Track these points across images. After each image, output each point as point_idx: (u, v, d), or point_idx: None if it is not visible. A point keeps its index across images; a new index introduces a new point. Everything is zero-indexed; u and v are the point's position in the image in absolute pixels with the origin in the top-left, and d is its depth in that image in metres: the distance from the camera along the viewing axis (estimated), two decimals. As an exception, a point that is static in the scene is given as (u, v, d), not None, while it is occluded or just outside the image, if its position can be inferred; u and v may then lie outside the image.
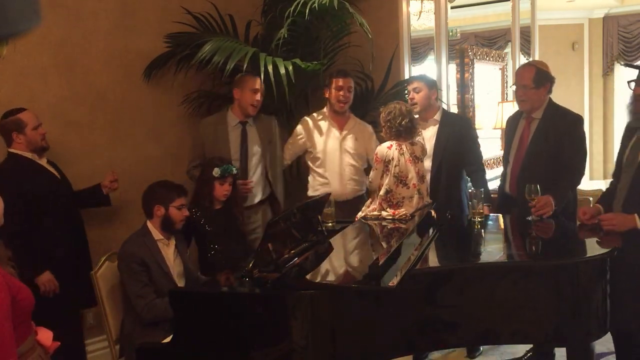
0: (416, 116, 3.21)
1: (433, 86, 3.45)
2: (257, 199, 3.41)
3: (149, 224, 2.70)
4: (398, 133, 2.90)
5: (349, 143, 3.49)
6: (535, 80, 3.02)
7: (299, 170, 3.92)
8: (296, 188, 3.77)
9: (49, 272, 2.85)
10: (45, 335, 1.83)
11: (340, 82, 3.43)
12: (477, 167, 3.38)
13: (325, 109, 3.57)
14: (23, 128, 2.88)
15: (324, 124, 3.53)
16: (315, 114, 3.59)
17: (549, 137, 3.01)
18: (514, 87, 3.18)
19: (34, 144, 2.91)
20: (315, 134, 3.52)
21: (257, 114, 3.42)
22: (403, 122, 2.89)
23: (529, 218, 2.87)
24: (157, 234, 2.68)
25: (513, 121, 3.30)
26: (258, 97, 3.32)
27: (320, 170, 3.52)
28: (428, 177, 3.16)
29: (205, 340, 2.03)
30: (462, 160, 3.36)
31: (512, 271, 2.24)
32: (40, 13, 0.65)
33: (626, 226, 2.43)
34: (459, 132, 3.35)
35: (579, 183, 3.08)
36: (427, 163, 3.30)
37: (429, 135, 3.36)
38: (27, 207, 2.77)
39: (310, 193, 3.56)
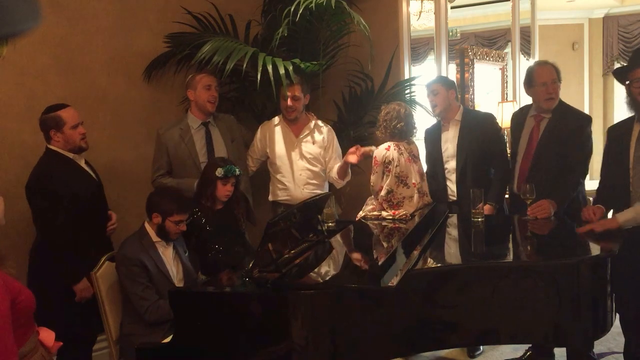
0: (437, 118, 3.22)
1: (451, 86, 3.43)
2: None
3: (147, 225, 2.69)
4: (392, 134, 2.94)
5: (306, 147, 3.44)
6: (559, 74, 3.13)
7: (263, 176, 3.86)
8: (262, 194, 3.72)
9: (86, 279, 2.74)
10: (47, 335, 1.82)
11: (287, 91, 3.36)
12: (500, 166, 3.33)
13: (281, 114, 3.53)
14: (61, 126, 2.75)
15: (279, 129, 3.49)
16: (274, 118, 3.54)
17: (558, 137, 3.01)
18: (535, 88, 3.11)
19: (71, 143, 2.79)
20: (272, 140, 3.48)
21: (216, 114, 3.40)
22: (398, 125, 2.92)
23: (525, 218, 2.89)
24: (154, 236, 2.67)
25: (519, 118, 3.27)
26: (213, 92, 3.30)
27: (277, 176, 3.49)
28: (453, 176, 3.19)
29: (205, 340, 2.03)
30: (487, 159, 3.31)
31: (512, 271, 2.24)
32: (40, 13, 0.65)
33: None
34: (482, 131, 3.31)
35: (580, 183, 3.07)
36: (452, 163, 3.30)
37: (451, 136, 3.35)
38: (68, 210, 2.69)
39: (271, 199, 3.54)
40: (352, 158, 3.19)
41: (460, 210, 3.20)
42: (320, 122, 3.54)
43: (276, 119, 3.53)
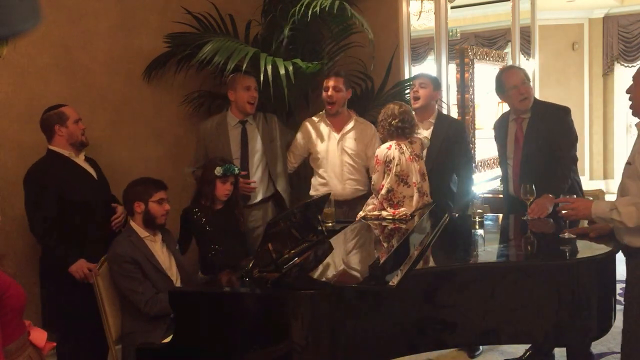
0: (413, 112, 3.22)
1: (438, 88, 3.50)
2: (258, 198, 3.43)
3: (132, 224, 2.69)
4: (390, 133, 2.96)
5: (348, 143, 3.50)
6: (527, 76, 3.17)
7: (299, 171, 3.91)
8: (300, 188, 3.77)
9: (83, 260, 2.80)
10: (38, 336, 1.79)
11: (328, 82, 3.44)
12: (464, 172, 3.42)
13: (324, 110, 3.58)
14: (65, 121, 2.89)
15: (322, 126, 3.54)
16: (315, 117, 3.61)
17: (541, 133, 3.07)
18: (515, 89, 3.11)
19: (74, 137, 2.92)
20: (314, 137, 3.54)
21: (257, 113, 3.43)
22: (393, 122, 2.93)
23: (524, 217, 2.89)
24: (142, 232, 2.67)
25: (501, 125, 3.35)
26: (253, 93, 3.34)
27: (320, 171, 3.54)
28: None
29: (205, 340, 2.03)
30: (453, 164, 3.38)
31: (512, 271, 2.25)
32: (40, 13, 0.65)
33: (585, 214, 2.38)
34: (453, 136, 3.38)
35: (572, 169, 3.09)
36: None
37: (422, 137, 3.37)
38: (54, 205, 2.79)
39: (311, 192, 3.58)
40: None
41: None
42: (362, 120, 3.59)
43: (319, 116, 3.59)
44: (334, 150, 3.50)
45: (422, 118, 3.39)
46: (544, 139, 3.05)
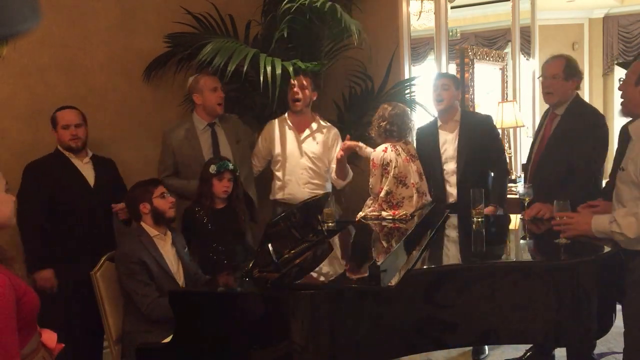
0: (434, 116, 3.21)
1: (459, 87, 3.44)
2: None
3: (142, 224, 2.70)
4: (379, 134, 3.00)
5: (309, 146, 3.42)
6: (565, 71, 2.92)
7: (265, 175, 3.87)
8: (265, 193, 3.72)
9: (51, 271, 2.84)
10: (49, 337, 1.82)
11: (294, 80, 3.37)
12: (498, 167, 3.34)
13: (286, 113, 3.52)
14: (55, 126, 2.99)
15: (283, 127, 3.47)
16: (276, 119, 3.53)
17: (568, 135, 2.89)
18: (540, 79, 3.05)
19: (62, 142, 2.99)
20: (276, 137, 3.46)
21: (221, 115, 3.38)
22: (382, 124, 2.95)
23: (521, 217, 2.89)
24: (152, 231, 2.68)
25: (543, 117, 3.22)
26: (220, 94, 3.29)
27: (278, 174, 3.46)
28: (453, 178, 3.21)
29: (205, 340, 2.03)
30: (486, 161, 3.31)
31: (512, 271, 2.24)
32: (40, 13, 0.65)
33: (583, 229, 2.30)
34: (480, 132, 3.31)
35: (591, 182, 2.89)
36: (451, 165, 3.30)
37: (450, 137, 3.35)
38: (39, 202, 2.84)
39: (271, 197, 3.52)
40: (339, 153, 3.23)
41: (459, 212, 3.20)
42: (324, 122, 3.53)
43: (281, 117, 3.52)
44: (294, 152, 3.42)
45: (447, 119, 3.36)
46: (568, 142, 2.87)
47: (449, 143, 3.34)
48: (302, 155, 3.42)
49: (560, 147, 2.91)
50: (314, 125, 3.47)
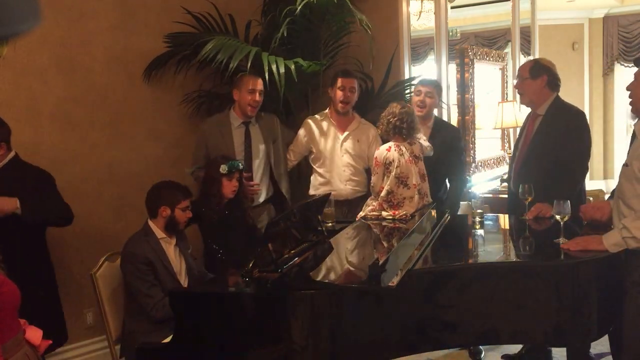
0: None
1: (440, 94, 3.55)
2: (261, 199, 3.42)
3: (150, 223, 2.70)
4: (387, 130, 2.98)
5: (350, 144, 3.50)
6: (531, 71, 3.03)
7: (299, 170, 3.92)
8: (299, 187, 3.77)
9: None
10: (33, 334, 1.79)
11: (344, 82, 3.43)
12: (457, 177, 3.48)
13: (327, 110, 3.58)
14: None
15: (325, 125, 3.54)
16: (317, 115, 3.60)
17: (550, 134, 2.98)
18: (514, 82, 3.17)
19: None
20: (317, 135, 3.53)
21: (259, 113, 3.42)
22: (392, 120, 2.94)
23: (523, 217, 2.89)
24: (159, 233, 2.68)
25: (526, 118, 3.29)
26: (256, 97, 3.31)
27: (320, 170, 3.54)
28: None
29: (205, 340, 2.03)
30: (446, 170, 3.41)
31: (512, 271, 2.25)
32: (40, 13, 0.65)
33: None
34: (449, 143, 3.41)
35: (578, 182, 3.02)
36: None
37: (425, 144, 3.37)
38: None
39: (311, 192, 3.57)
40: None
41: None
42: (365, 121, 3.59)
43: (321, 114, 3.58)
44: (336, 149, 3.50)
45: (421, 124, 3.37)
46: (551, 141, 2.95)
47: None
48: (344, 152, 3.49)
49: (545, 145, 2.98)
50: (355, 124, 3.54)
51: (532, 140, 3.05)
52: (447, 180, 3.50)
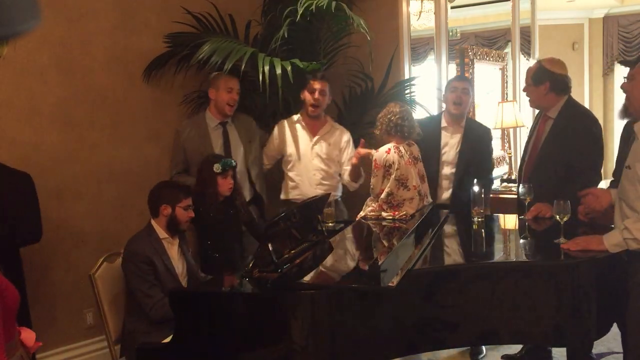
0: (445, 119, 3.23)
1: (474, 91, 3.53)
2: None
3: (153, 223, 2.70)
4: (388, 130, 2.96)
5: (322, 148, 3.45)
6: (533, 77, 2.98)
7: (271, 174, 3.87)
8: (273, 192, 3.73)
9: None
10: (27, 336, 1.80)
11: (315, 84, 3.39)
12: (486, 177, 3.40)
13: (300, 113, 3.53)
14: None
15: (297, 128, 3.49)
16: (293, 117, 3.55)
17: (561, 138, 2.89)
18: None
19: None
20: (288, 138, 3.49)
21: (235, 114, 3.40)
22: (393, 119, 2.93)
23: (522, 217, 2.88)
24: (162, 233, 2.68)
25: (535, 119, 3.23)
26: (234, 96, 3.30)
27: (291, 174, 3.49)
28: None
29: (205, 340, 2.03)
30: (476, 169, 3.33)
31: (512, 271, 2.24)
32: (40, 13, 0.65)
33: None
34: (480, 143, 3.38)
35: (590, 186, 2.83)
36: (449, 169, 3.34)
37: (453, 142, 3.37)
38: None
39: (282, 197, 3.54)
40: (353, 159, 3.23)
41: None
42: (338, 125, 3.56)
43: (294, 117, 3.54)
44: (307, 153, 3.45)
45: (454, 122, 3.38)
46: (562, 145, 2.86)
47: (450, 147, 3.36)
48: (315, 156, 3.45)
49: (558, 148, 2.90)
50: (327, 128, 3.51)
51: (543, 145, 2.97)
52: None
